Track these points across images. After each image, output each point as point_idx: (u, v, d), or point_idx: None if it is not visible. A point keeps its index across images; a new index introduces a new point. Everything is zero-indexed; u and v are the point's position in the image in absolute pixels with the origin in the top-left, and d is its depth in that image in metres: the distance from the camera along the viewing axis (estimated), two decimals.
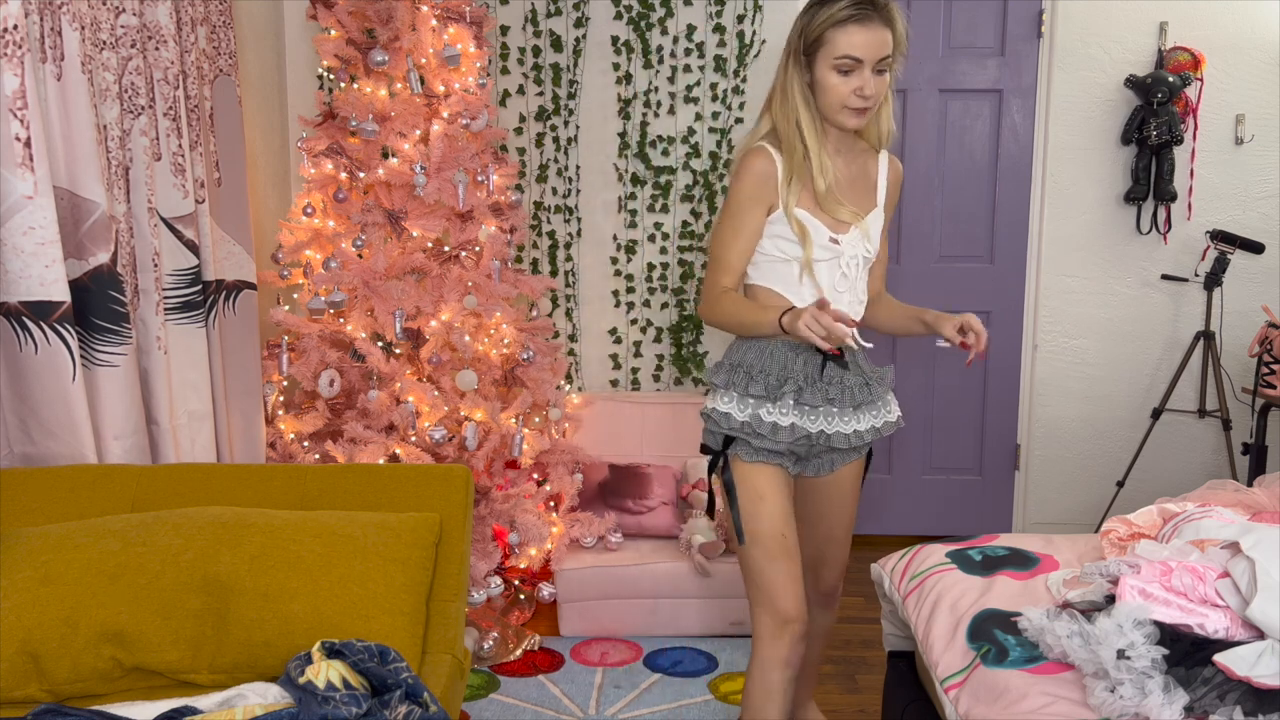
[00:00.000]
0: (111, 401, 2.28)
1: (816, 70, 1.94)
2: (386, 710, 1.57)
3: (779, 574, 2.02)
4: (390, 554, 1.93)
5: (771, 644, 2.03)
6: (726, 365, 2.09)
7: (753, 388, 2.02)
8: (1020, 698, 1.67)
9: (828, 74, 1.92)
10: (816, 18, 1.91)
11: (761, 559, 2.02)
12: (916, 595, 2.18)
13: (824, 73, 1.92)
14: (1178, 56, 3.76)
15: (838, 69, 1.91)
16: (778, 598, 2.02)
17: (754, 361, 2.04)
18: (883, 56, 1.90)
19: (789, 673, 2.03)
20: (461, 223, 3.11)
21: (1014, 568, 2.18)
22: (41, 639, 1.75)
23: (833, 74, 1.92)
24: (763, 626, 2.04)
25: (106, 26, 2.27)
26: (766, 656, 2.04)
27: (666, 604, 3.23)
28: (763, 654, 2.04)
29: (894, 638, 2.40)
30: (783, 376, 2.02)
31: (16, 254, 2.06)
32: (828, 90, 1.93)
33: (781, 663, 2.02)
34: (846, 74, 1.91)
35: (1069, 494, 4.09)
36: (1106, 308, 3.98)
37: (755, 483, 2.03)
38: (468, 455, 2.97)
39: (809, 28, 1.93)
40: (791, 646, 2.02)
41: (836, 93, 1.93)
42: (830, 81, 1.93)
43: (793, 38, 1.97)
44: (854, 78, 1.91)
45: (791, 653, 2.03)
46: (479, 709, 2.83)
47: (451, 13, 3.08)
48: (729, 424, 2.04)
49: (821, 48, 1.91)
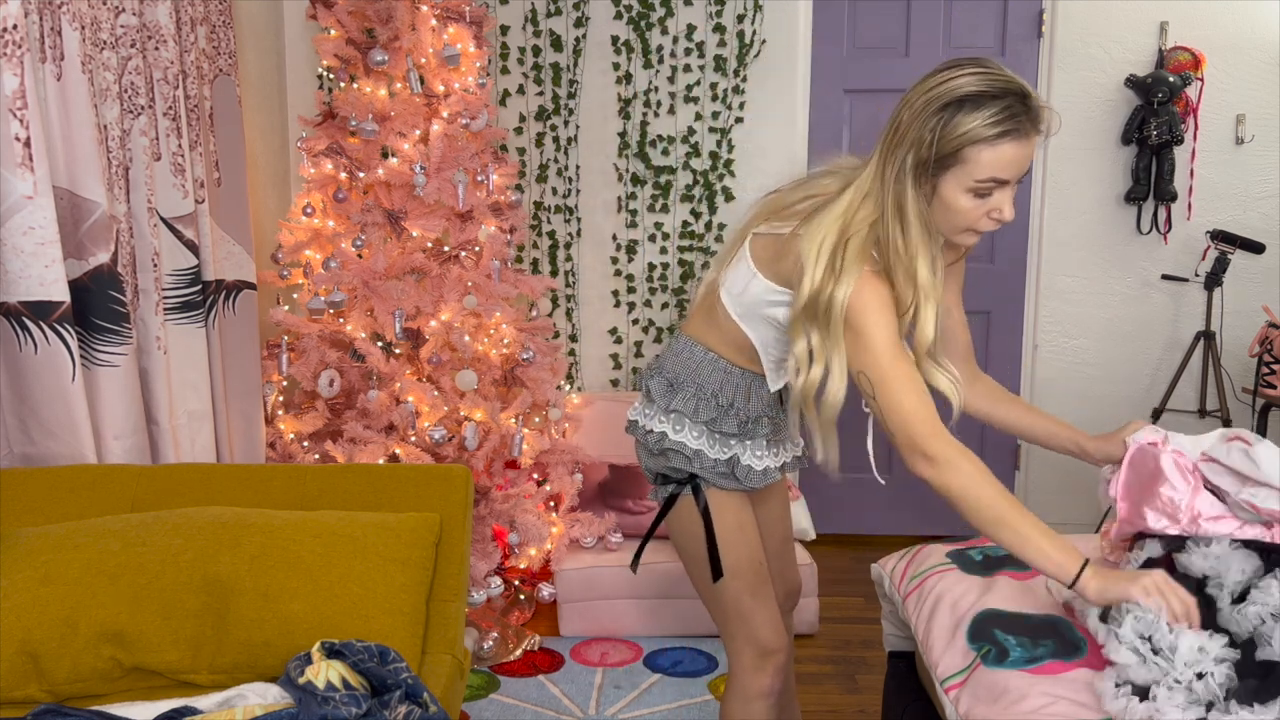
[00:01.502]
0: (111, 401, 2.27)
1: (943, 186, 1.57)
2: (386, 710, 1.57)
3: (761, 605, 1.91)
4: (390, 554, 1.93)
5: (754, 676, 1.92)
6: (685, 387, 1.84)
7: (724, 424, 1.84)
8: (1020, 698, 1.67)
9: (959, 195, 1.56)
10: (955, 128, 1.51)
11: (743, 591, 1.89)
12: (917, 595, 2.18)
13: (954, 193, 1.56)
14: (1178, 56, 3.76)
15: (975, 192, 1.56)
16: (761, 629, 1.90)
17: (718, 388, 1.83)
18: (1025, 171, 1.58)
19: (772, 701, 1.95)
20: (461, 223, 3.11)
21: (1014, 567, 2.18)
22: (41, 639, 1.75)
23: (966, 196, 1.56)
24: (744, 658, 1.93)
25: (106, 26, 2.27)
26: (747, 687, 1.93)
27: (666, 604, 3.23)
28: (744, 686, 1.93)
29: (894, 638, 2.40)
30: (754, 412, 1.85)
31: (16, 254, 2.05)
32: (955, 213, 1.58)
33: (764, 694, 1.93)
34: (984, 196, 1.57)
35: (1069, 494, 4.09)
36: (1106, 308, 3.98)
37: (734, 512, 1.87)
38: (468, 455, 2.97)
39: (943, 138, 1.52)
40: (774, 676, 1.93)
41: (966, 216, 1.58)
42: (961, 204, 1.57)
43: (912, 140, 1.55)
44: (992, 199, 1.57)
45: (775, 682, 1.93)
46: (479, 709, 2.83)
47: (451, 12, 3.08)
48: (701, 463, 1.84)
49: (957, 165, 1.54)
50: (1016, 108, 1.51)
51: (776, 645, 1.92)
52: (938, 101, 1.52)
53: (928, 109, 1.53)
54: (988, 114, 1.50)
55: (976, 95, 1.51)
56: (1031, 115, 1.52)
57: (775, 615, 1.94)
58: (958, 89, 1.52)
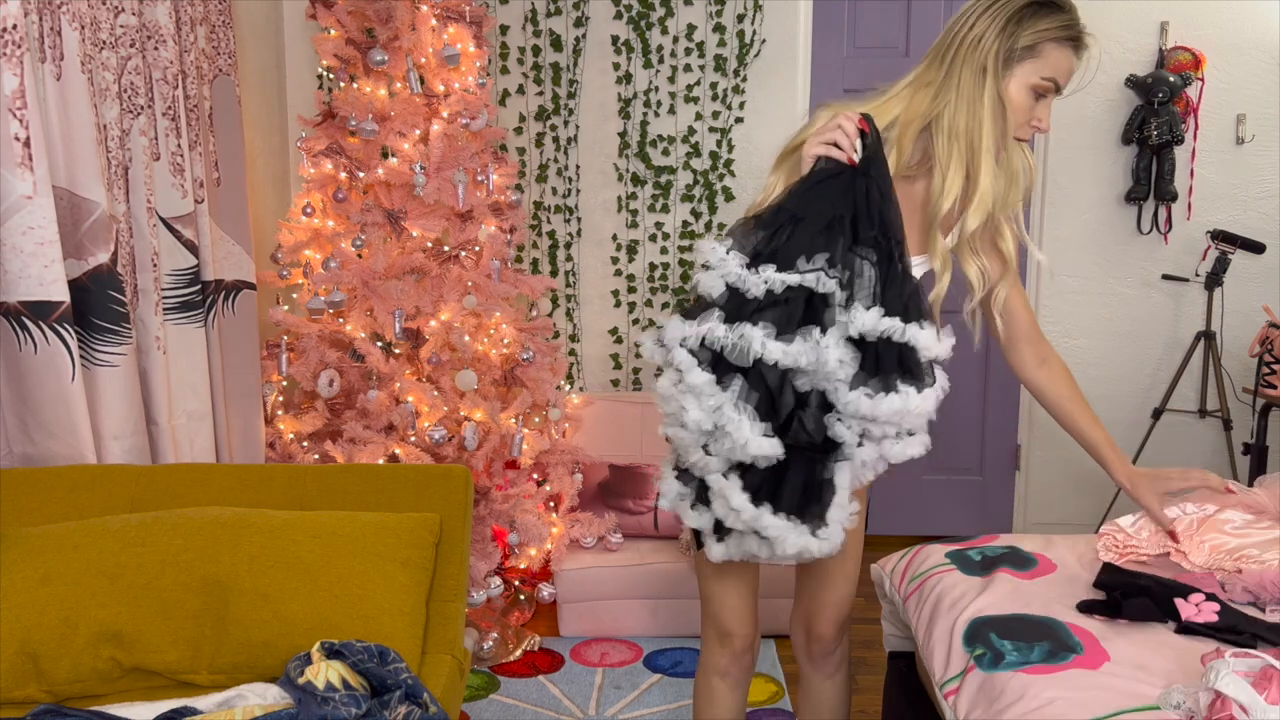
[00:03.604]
0: (111, 401, 2.27)
1: (1011, 82, 1.69)
2: (386, 711, 1.57)
3: (725, 590, 1.94)
4: (390, 554, 1.93)
5: (712, 651, 2.01)
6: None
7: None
8: (1017, 698, 1.67)
9: (1023, 92, 1.70)
10: (1036, 24, 1.67)
11: (710, 573, 1.93)
12: (917, 597, 2.18)
13: (1018, 90, 1.70)
14: (1178, 56, 3.75)
15: (1035, 90, 1.70)
16: (720, 612, 1.96)
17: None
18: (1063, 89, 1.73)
19: (727, 681, 2.01)
20: (461, 222, 3.11)
21: (1012, 566, 2.18)
22: (41, 639, 1.75)
23: (1027, 94, 1.70)
24: (706, 633, 2.02)
25: (106, 26, 2.27)
26: (705, 662, 2.03)
27: (666, 604, 3.23)
28: (704, 659, 2.04)
29: (894, 638, 2.40)
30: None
31: (16, 254, 2.05)
32: (1018, 109, 1.70)
33: (717, 670, 2.00)
34: (1040, 98, 1.71)
35: (1069, 494, 4.09)
36: (1107, 308, 3.98)
37: None
38: (467, 455, 2.97)
39: (1022, 31, 1.67)
40: (730, 659, 1.99)
41: (1020, 116, 1.71)
42: (1022, 102, 1.70)
43: (992, 35, 1.67)
44: (1040, 106, 1.72)
45: (730, 664, 1.99)
46: (479, 709, 2.83)
47: (451, 12, 3.08)
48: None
49: (1029, 60, 1.68)
50: (1080, 25, 1.70)
51: (733, 630, 1.97)
52: (1017, 3, 1.67)
53: (1008, 9, 1.67)
54: (1064, 19, 1.68)
55: (1051, 3, 1.69)
56: (1086, 37, 1.71)
57: (737, 604, 1.95)
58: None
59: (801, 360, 1.53)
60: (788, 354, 1.53)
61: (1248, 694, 1.47)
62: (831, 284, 1.54)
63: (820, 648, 2.07)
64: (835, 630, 2.05)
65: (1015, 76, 1.69)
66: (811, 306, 1.56)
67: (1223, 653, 1.58)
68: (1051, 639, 1.82)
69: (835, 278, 1.54)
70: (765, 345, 1.53)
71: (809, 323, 1.55)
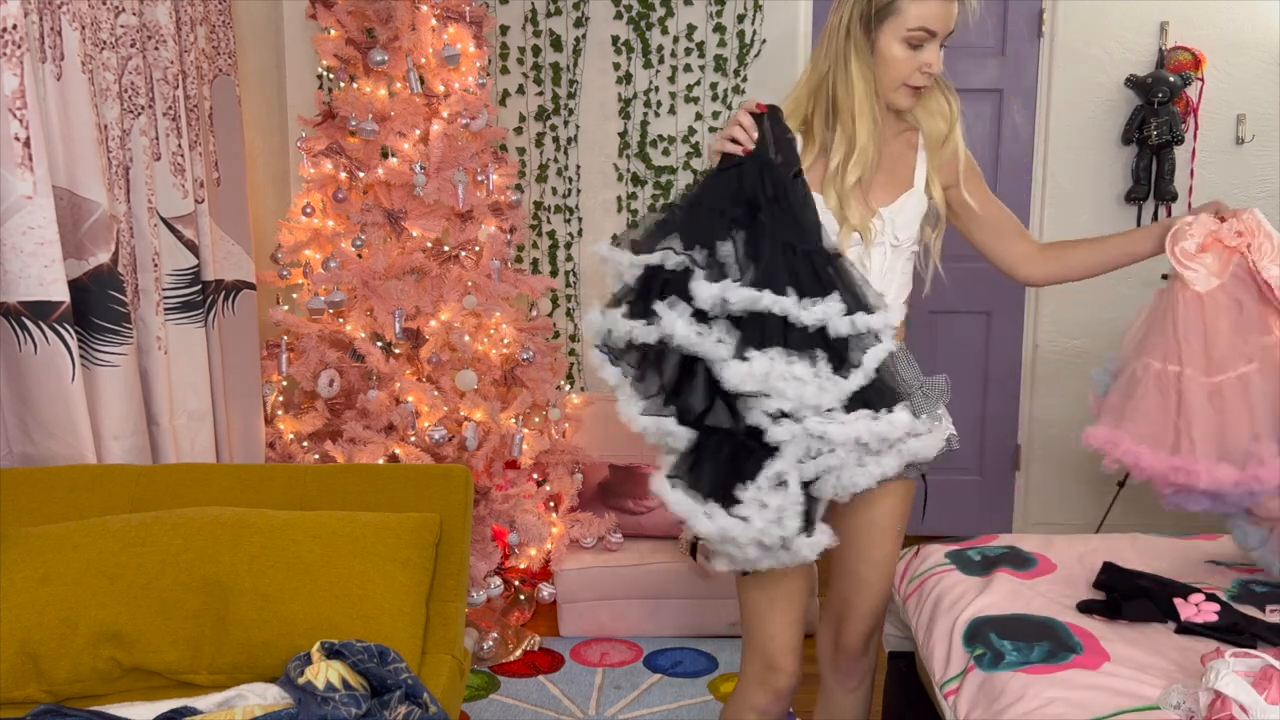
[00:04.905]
0: (111, 401, 2.27)
1: (881, 38, 1.74)
2: (386, 711, 1.57)
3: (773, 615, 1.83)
4: (390, 554, 1.93)
5: (753, 689, 1.88)
6: None
7: None
8: (1017, 698, 1.68)
9: (893, 46, 1.74)
10: None
11: (759, 597, 1.82)
12: (917, 597, 2.18)
13: (889, 44, 1.74)
14: (1178, 56, 3.75)
15: (908, 41, 1.73)
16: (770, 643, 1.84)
17: None
18: (950, 30, 1.76)
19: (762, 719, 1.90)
20: (461, 222, 3.11)
21: (1012, 566, 2.18)
22: (41, 639, 1.75)
23: (900, 46, 1.74)
24: (748, 666, 1.89)
25: (106, 26, 2.27)
26: (743, 698, 1.90)
27: (666, 604, 3.23)
28: (743, 693, 1.90)
29: (894, 638, 2.40)
30: None
31: (16, 254, 2.05)
32: (891, 65, 1.75)
33: (755, 709, 1.88)
34: (916, 48, 1.74)
35: (1069, 494, 4.08)
36: (1107, 308, 3.98)
37: None
38: (467, 455, 2.97)
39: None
40: (773, 698, 1.86)
41: (900, 68, 1.75)
42: (896, 54, 1.74)
43: (849, 4, 1.76)
44: (923, 52, 1.74)
45: (771, 703, 1.87)
46: (479, 709, 2.83)
47: (451, 12, 3.08)
48: None
49: (891, 17, 1.73)
50: None
51: (781, 665, 1.85)
52: None
53: None
54: None
55: None
56: None
57: (787, 635, 1.84)
58: None
59: (650, 336, 1.59)
60: (635, 331, 1.60)
61: (1248, 694, 1.47)
62: (678, 260, 1.59)
63: (846, 659, 2.02)
64: (863, 643, 1.99)
65: (884, 34, 1.74)
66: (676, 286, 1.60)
67: (1223, 653, 1.58)
68: (1051, 639, 1.82)
69: (683, 255, 1.60)
70: (618, 324, 1.62)
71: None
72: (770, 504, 1.56)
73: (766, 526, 1.56)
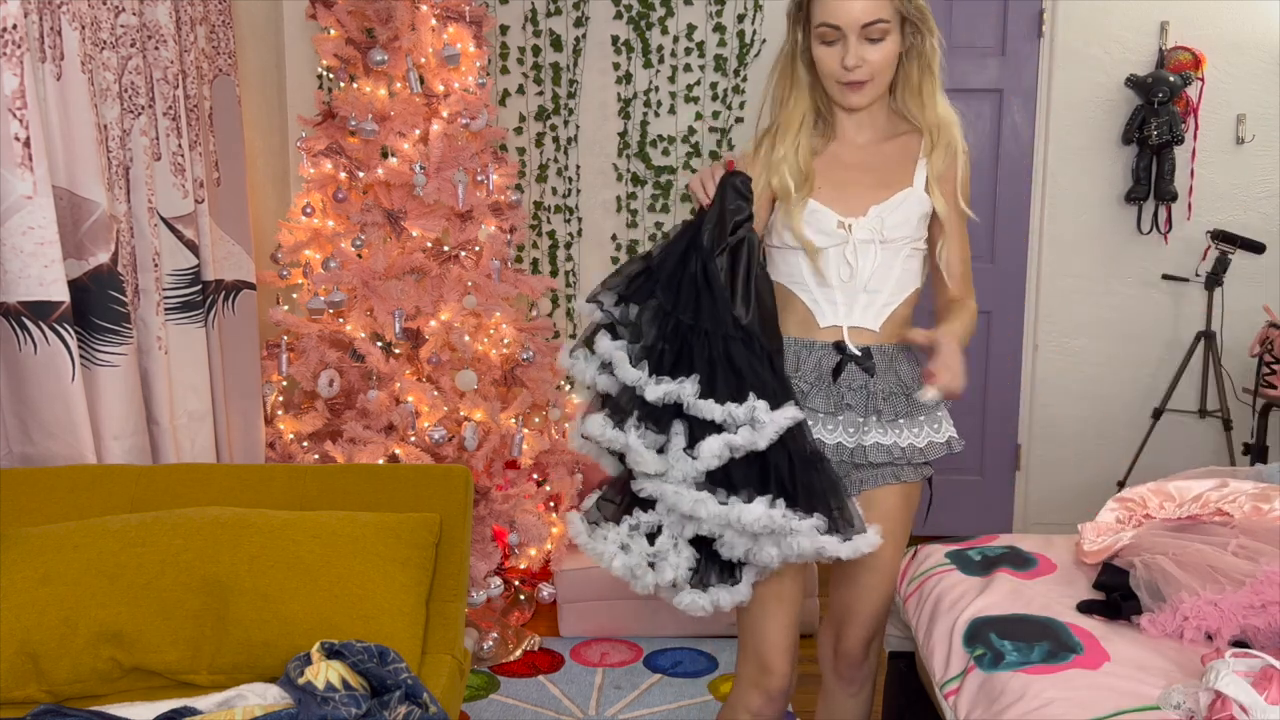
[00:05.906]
0: (111, 401, 2.27)
1: (809, 42, 1.78)
2: (386, 711, 1.57)
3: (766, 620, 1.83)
4: (390, 554, 1.93)
5: (746, 691, 1.88)
6: None
7: None
8: (1017, 698, 1.68)
9: (816, 46, 1.76)
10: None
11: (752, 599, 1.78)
12: (917, 597, 2.18)
13: (813, 45, 1.77)
14: (1178, 56, 3.75)
15: (821, 38, 1.74)
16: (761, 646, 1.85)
17: None
18: (868, 23, 1.70)
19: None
20: (461, 222, 3.11)
21: (1012, 566, 2.18)
22: (41, 639, 1.75)
23: (818, 45, 1.75)
24: (743, 668, 1.89)
25: (106, 26, 2.27)
26: (737, 700, 1.91)
27: (666, 604, 3.21)
28: (736, 695, 1.91)
29: (894, 638, 2.40)
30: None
31: (16, 254, 2.05)
32: (819, 64, 1.78)
33: (750, 710, 1.88)
34: (830, 44, 1.74)
35: (1069, 494, 4.08)
36: (1107, 308, 3.98)
37: None
38: (467, 455, 2.97)
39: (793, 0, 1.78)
40: (766, 700, 1.86)
41: (825, 65, 1.77)
42: (819, 54, 1.76)
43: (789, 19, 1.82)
44: (837, 48, 1.74)
45: (765, 705, 1.86)
46: (479, 709, 2.83)
47: (451, 12, 3.08)
48: None
49: (806, 19, 1.77)
50: None
51: (774, 666, 1.85)
52: None
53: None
54: None
55: None
56: None
57: (780, 638, 1.84)
58: None
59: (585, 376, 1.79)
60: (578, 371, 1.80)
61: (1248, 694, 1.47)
62: (600, 315, 1.80)
63: (846, 664, 2.01)
64: (863, 648, 1.99)
65: (810, 36, 1.77)
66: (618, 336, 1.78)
67: (1223, 653, 1.58)
68: (1051, 639, 1.82)
69: (608, 312, 1.79)
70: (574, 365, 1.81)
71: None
72: (633, 549, 1.72)
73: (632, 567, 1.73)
